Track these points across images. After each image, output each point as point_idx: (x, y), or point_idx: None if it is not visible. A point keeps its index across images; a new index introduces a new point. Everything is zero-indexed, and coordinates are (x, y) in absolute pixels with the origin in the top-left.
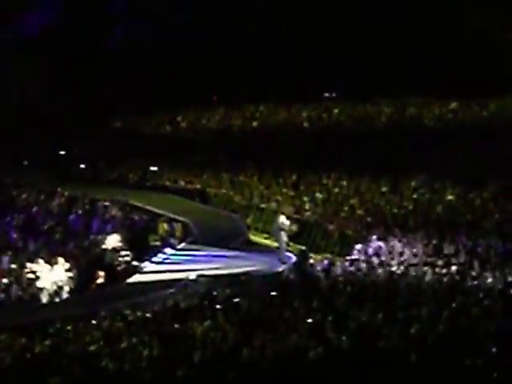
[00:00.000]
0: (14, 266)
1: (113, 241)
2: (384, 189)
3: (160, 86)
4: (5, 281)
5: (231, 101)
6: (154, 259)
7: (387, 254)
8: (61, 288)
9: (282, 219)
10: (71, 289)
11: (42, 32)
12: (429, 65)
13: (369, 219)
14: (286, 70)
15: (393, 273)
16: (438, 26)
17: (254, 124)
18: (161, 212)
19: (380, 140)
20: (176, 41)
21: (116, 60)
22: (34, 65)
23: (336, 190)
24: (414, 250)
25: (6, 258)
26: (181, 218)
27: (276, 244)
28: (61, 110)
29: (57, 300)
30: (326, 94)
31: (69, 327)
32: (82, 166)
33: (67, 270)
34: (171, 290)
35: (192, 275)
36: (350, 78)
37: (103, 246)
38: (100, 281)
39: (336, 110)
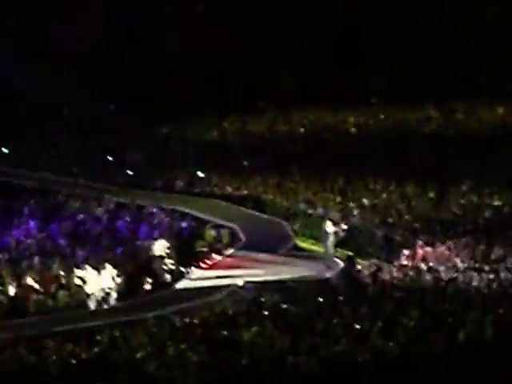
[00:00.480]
0: (61, 272)
1: (160, 247)
2: (431, 194)
3: (206, 92)
4: (53, 287)
5: (278, 106)
6: (201, 265)
7: (434, 259)
8: (108, 294)
9: (329, 225)
10: (119, 295)
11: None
12: (476, 69)
13: (416, 225)
14: (333, 75)
15: (440, 278)
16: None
17: (301, 130)
18: (208, 218)
19: (427, 145)
20: (220, 45)
21: (162, 66)
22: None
23: (383, 195)
24: (462, 256)
25: (54, 265)
26: (228, 224)
27: (323, 250)
28: (109, 117)
29: (104, 306)
30: (374, 100)
31: (116, 334)
32: (130, 172)
33: (115, 277)
34: (219, 297)
35: (239, 281)
36: (397, 83)
37: (150, 253)
38: (147, 287)
39: (383, 116)
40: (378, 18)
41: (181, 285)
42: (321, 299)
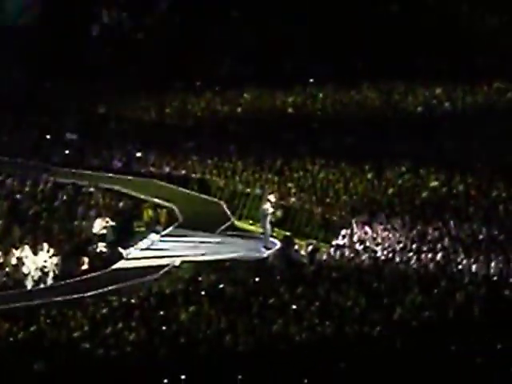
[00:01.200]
0: None
1: (97, 227)
2: (369, 175)
3: (145, 70)
4: None
5: (216, 86)
6: (138, 245)
7: (372, 239)
8: (46, 274)
9: (267, 205)
10: (56, 275)
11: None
12: (413, 50)
13: (353, 205)
14: (271, 55)
15: (377, 259)
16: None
17: (239, 110)
18: (145, 198)
19: (365, 126)
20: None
21: (101, 45)
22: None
23: (321, 175)
24: (399, 236)
25: None
26: (166, 204)
27: (261, 230)
28: (47, 96)
29: (42, 286)
30: (311, 80)
31: (54, 313)
32: (67, 151)
33: (52, 256)
34: (156, 276)
35: (177, 261)
36: (335, 64)
37: (88, 233)
38: (85, 267)
39: (321, 96)
40: None
41: (118, 265)
42: (258, 279)
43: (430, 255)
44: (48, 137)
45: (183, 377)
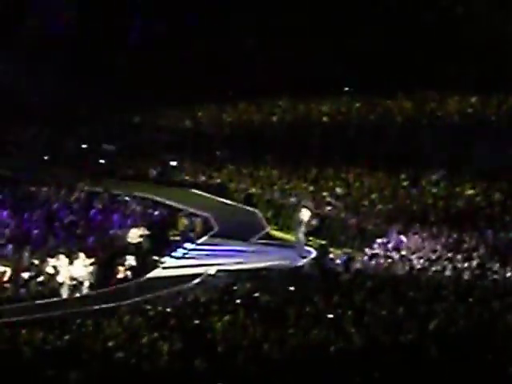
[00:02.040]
0: (34, 260)
1: (133, 236)
2: (404, 183)
3: (180, 80)
4: (25, 275)
5: (251, 95)
6: (174, 254)
7: (407, 248)
8: (81, 283)
9: (302, 214)
10: (91, 284)
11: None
12: (448, 58)
13: (389, 214)
14: (305, 64)
15: (413, 267)
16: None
17: (274, 119)
18: (181, 207)
19: (400, 134)
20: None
21: (134, 54)
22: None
23: (356, 184)
24: (434, 245)
25: (26, 253)
26: (201, 213)
27: (296, 238)
28: (83, 105)
29: (77, 295)
30: (346, 89)
31: (89, 322)
32: (102, 160)
33: (88, 265)
34: (191, 285)
35: (212, 270)
36: (370, 72)
37: (123, 242)
38: (120, 276)
39: (355, 104)
40: (351, 6)
41: (153, 274)
42: (293, 288)
43: (465, 264)
44: (84, 146)
45: None
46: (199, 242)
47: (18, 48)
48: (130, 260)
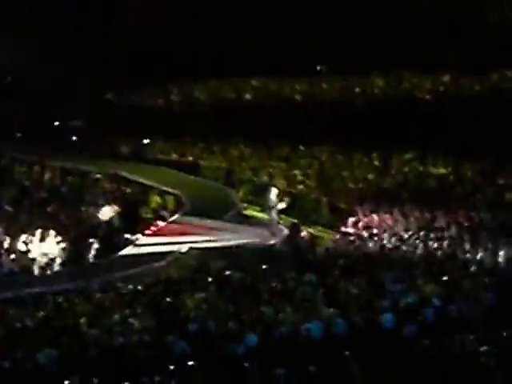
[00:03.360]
0: (6, 238)
1: (105, 214)
2: (375, 162)
3: (151, 57)
4: None
5: (222, 74)
6: (145, 232)
7: (378, 227)
8: (53, 260)
9: (274, 192)
10: (63, 261)
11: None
12: (421, 38)
13: (360, 192)
14: (278, 43)
15: (384, 246)
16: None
17: (247, 97)
18: (153, 184)
19: (372, 114)
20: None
21: (108, 33)
22: (28, 40)
23: (328, 163)
24: (405, 224)
25: None
26: (173, 191)
27: (268, 217)
28: (55, 82)
29: (48, 272)
30: (318, 68)
31: (60, 300)
32: (74, 138)
33: (59, 243)
34: (163, 263)
35: (184, 248)
36: (344, 52)
37: (95, 219)
38: (92, 253)
39: (328, 83)
40: None
41: (125, 251)
42: (265, 266)
43: (436, 243)
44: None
45: (190, 363)
46: (171, 219)
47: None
48: (103, 237)
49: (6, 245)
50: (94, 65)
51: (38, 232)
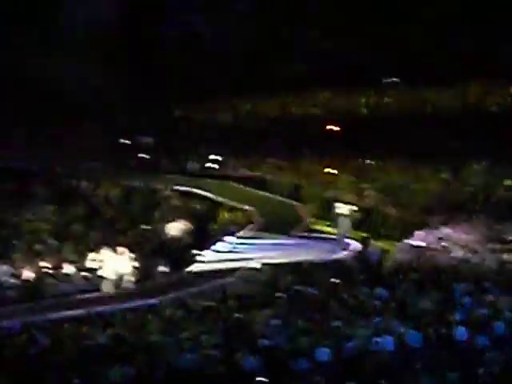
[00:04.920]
0: (76, 255)
1: (175, 230)
2: (445, 174)
3: (220, 74)
4: (67, 270)
5: (291, 88)
6: (215, 248)
7: (449, 239)
8: (123, 277)
9: (343, 206)
10: (133, 278)
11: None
12: (487, 50)
13: (430, 205)
14: (344, 57)
15: (454, 258)
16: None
17: (314, 111)
18: (222, 200)
19: (441, 126)
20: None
21: (177, 48)
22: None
23: (397, 176)
24: (476, 236)
25: (68, 248)
26: (242, 206)
27: (337, 231)
28: (122, 99)
29: (119, 290)
30: (386, 81)
31: (131, 316)
32: (144, 155)
33: (129, 260)
34: (233, 279)
35: (254, 263)
36: (411, 65)
37: (165, 236)
38: (162, 270)
39: (396, 97)
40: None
41: (195, 267)
42: (335, 280)
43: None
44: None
45: (262, 379)
46: (241, 235)
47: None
48: (173, 254)
49: (76, 263)
50: (163, 80)
51: (108, 250)
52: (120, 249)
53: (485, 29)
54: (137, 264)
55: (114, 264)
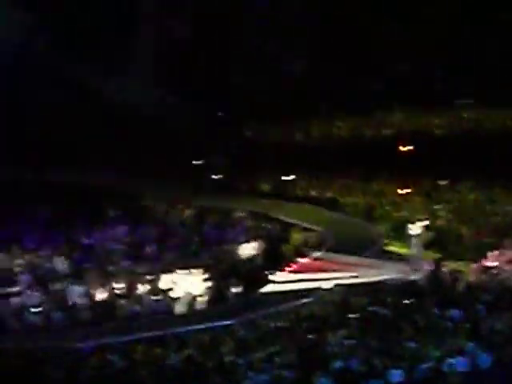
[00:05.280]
0: (149, 276)
1: (247, 251)
2: None
3: (292, 95)
4: (140, 291)
5: (363, 110)
6: (288, 268)
7: None
8: (196, 298)
9: (416, 227)
10: (206, 299)
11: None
12: None
13: (503, 226)
14: (416, 78)
15: None
16: None
17: (386, 132)
18: (294, 221)
19: None
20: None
21: (246, 70)
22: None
23: (470, 197)
24: None
25: (141, 269)
26: (314, 227)
27: (410, 252)
28: (193, 121)
29: (192, 311)
30: (458, 101)
31: (204, 337)
32: (215, 176)
33: (202, 281)
34: (306, 300)
35: (327, 284)
36: (483, 85)
37: (238, 257)
38: (235, 291)
39: (468, 117)
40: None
41: (268, 288)
42: (408, 301)
43: None
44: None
45: None
46: (314, 256)
47: (134, 61)
48: (246, 275)
49: (150, 284)
50: (234, 102)
51: (182, 270)
52: (193, 270)
53: None
54: (210, 285)
55: (188, 285)
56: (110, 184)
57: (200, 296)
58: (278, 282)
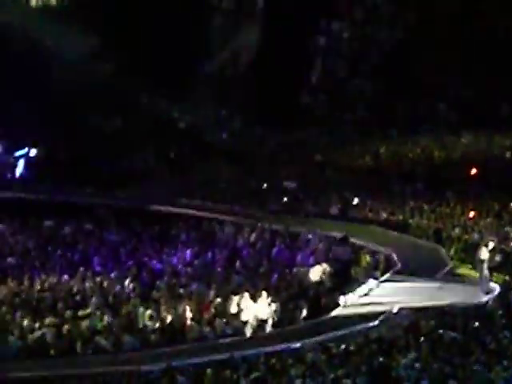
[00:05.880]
0: (218, 299)
1: (316, 273)
2: None
3: (359, 118)
4: (209, 314)
5: (433, 132)
6: (356, 291)
7: None
8: (264, 321)
9: (485, 250)
10: (275, 322)
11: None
12: None
13: None
14: (485, 100)
15: None
16: None
17: (455, 154)
18: (363, 244)
19: None
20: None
21: (313, 94)
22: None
23: None
24: None
25: (210, 292)
26: (383, 250)
27: (479, 275)
28: (261, 144)
29: (261, 333)
30: None
31: (273, 361)
32: (284, 198)
33: (271, 304)
34: (375, 323)
35: (395, 307)
36: None
37: (306, 279)
38: (303, 314)
39: None
40: None
41: (337, 311)
42: (478, 324)
43: None
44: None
45: None
46: (382, 279)
47: (201, 88)
48: (314, 298)
49: (218, 307)
50: (301, 127)
51: (250, 293)
52: (262, 292)
53: None
54: (279, 308)
55: (256, 308)
56: (177, 206)
57: (268, 319)
58: (348, 305)
